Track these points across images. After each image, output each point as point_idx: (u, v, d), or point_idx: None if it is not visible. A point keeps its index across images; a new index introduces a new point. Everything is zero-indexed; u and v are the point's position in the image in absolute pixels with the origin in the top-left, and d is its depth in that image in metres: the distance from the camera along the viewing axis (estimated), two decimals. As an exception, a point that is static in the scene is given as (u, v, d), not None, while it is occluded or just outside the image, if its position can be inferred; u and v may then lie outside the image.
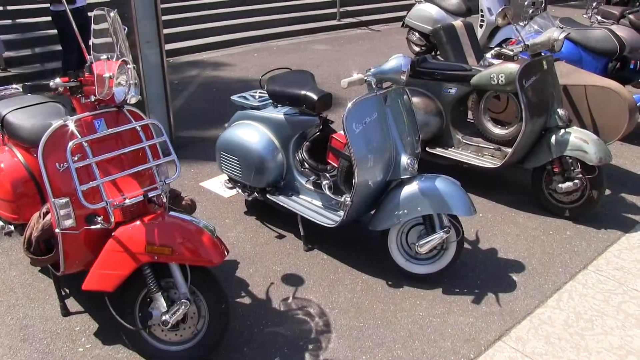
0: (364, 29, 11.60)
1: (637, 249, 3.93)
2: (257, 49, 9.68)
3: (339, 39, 10.62)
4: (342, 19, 11.76)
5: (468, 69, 4.49)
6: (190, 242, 2.55)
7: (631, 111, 4.54)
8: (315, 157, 3.80)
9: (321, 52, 9.51)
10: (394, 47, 9.82)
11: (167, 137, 2.76)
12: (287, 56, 9.19)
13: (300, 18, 11.33)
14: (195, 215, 3.84)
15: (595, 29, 5.87)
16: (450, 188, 3.27)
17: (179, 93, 7.11)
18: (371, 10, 12.53)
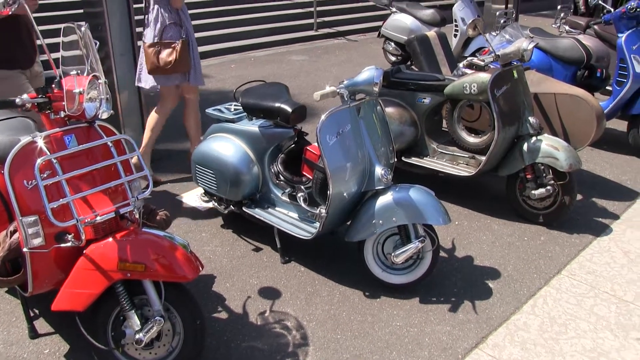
0: (341, 39, 11.66)
1: (608, 253, 3.99)
2: (235, 60, 9.68)
3: (316, 50, 10.66)
4: (320, 30, 11.80)
5: (441, 78, 4.53)
6: (164, 258, 2.52)
7: (599, 118, 4.63)
8: (290, 170, 3.80)
9: (298, 63, 9.54)
10: (370, 57, 9.88)
11: (139, 152, 2.75)
12: (264, 67, 9.21)
13: (278, 29, 11.35)
14: (171, 229, 3.84)
15: (564, 39, 5.98)
16: (424, 198, 3.29)
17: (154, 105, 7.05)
18: (348, 20, 12.60)
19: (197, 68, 4.81)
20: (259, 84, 4.12)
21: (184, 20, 4.67)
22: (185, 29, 4.67)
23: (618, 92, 5.71)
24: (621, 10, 5.66)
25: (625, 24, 5.65)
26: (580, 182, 4.80)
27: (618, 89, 5.72)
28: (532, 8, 15.77)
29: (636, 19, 5.61)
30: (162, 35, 4.59)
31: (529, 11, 15.27)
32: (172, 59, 4.56)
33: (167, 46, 4.58)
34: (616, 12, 5.76)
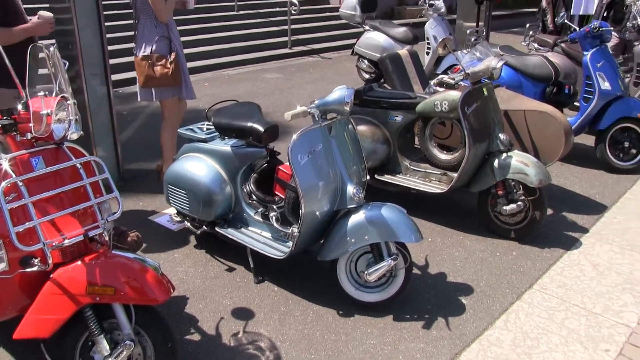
0: (315, 57, 11.74)
1: (578, 266, 4.04)
2: (208, 78, 9.68)
3: (290, 67, 10.71)
4: (294, 47, 11.89)
5: (413, 96, 4.57)
6: (134, 281, 2.50)
7: (567, 134, 4.70)
8: (263, 189, 3.80)
9: (273, 81, 9.57)
10: (344, 74, 9.96)
11: (108, 174, 2.72)
12: (238, 85, 9.22)
13: (252, 47, 11.40)
14: (143, 250, 3.82)
15: (533, 57, 6.09)
16: (396, 216, 3.31)
17: (128, 124, 7.05)
18: (322, 38, 12.71)
19: (187, 82, 4.90)
20: (232, 103, 4.12)
21: (173, 33, 4.76)
22: (176, 43, 4.77)
23: (585, 108, 5.83)
24: (585, 29, 5.79)
25: (590, 43, 5.78)
26: (551, 197, 4.87)
27: (585, 105, 5.83)
28: (503, 25, 16.05)
29: (600, 38, 5.74)
30: (152, 48, 4.67)
31: (499, 29, 15.54)
32: (167, 71, 4.64)
33: (160, 59, 4.66)
34: (581, 31, 5.88)
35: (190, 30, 11.04)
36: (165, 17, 4.66)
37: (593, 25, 5.73)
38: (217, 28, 11.63)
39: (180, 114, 5.09)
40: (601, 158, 5.86)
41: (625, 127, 5.76)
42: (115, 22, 9.73)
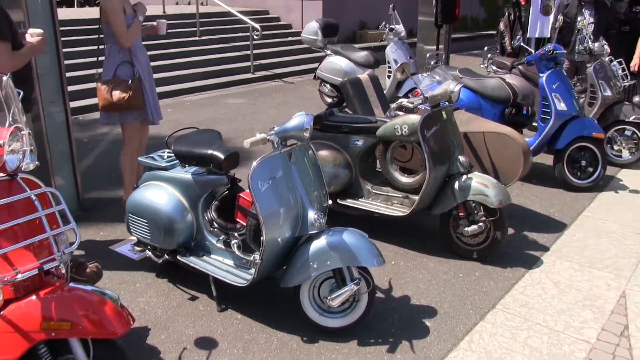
0: (278, 82, 11.78)
1: (539, 284, 4.10)
2: (170, 104, 9.62)
3: (253, 92, 10.73)
4: (256, 72, 11.91)
5: (373, 121, 4.62)
6: (92, 314, 2.45)
7: (525, 154, 4.79)
8: (224, 216, 3.79)
9: (235, 106, 9.57)
10: (307, 98, 10.01)
11: (65, 205, 2.67)
12: (201, 111, 9.19)
13: (214, 72, 11.40)
14: (103, 281, 3.75)
15: (491, 79, 6.22)
16: (357, 240, 3.32)
17: (88, 152, 6.96)
18: (284, 62, 12.77)
19: (152, 107, 4.90)
20: (192, 130, 4.11)
21: (137, 59, 4.79)
22: (139, 68, 4.79)
23: (543, 129, 5.95)
24: (540, 52, 5.93)
25: (545, 65, 5.92)
26: (512, 216, 4.93)
27: (543, 126, 5.96)
28: (463, 48, 16.35)
29: (554, 60, 5.89)
30: (115, 73, 4.73)
31: (460, 51, 15.82)
32: (125, 95, 4.65)
33: (120, 84, 4.68)
34: (536, 53, 6.03)
35: (151, 56, 10.88)
36: (127, 42, 4.69)
37: (547, 48, 5.88)
38: (179, 54, 11.61)
39: (142, 140, 5.07)
40: (560, 177, 5.97)
41: (581, 146, 5.89)
42: (75, 47, 9.65)
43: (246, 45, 12.15)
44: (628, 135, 6.69)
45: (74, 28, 10.51)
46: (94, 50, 5.11)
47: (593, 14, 7.49)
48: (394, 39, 8.60)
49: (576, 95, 6.14)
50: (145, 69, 4.91)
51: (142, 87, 4.78)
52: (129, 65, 4.75)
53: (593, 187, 5.91)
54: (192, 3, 13.46)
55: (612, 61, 6.84)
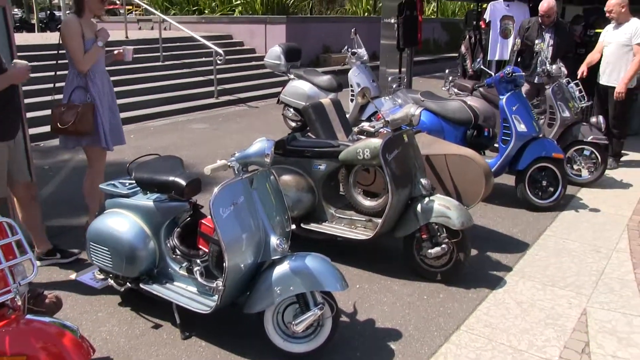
0: (242, 106, 11.79)
1: (503, 304, 4.14)
2: (133, 130, 9.55)
3: (217, 117, 10.72)
4: (220, 97, 11.91)
5: (336, 145, 4.65)
6: (50, 347, 2.39)
7: (487, 176, 4.86)
8: (186, 243, 3.76)
9: (199, 131, 9.54)
10: (271, 123, 10.02)
11: (22, 235, 2.63)
12: (164, 136, 9.14)
13: (178, 97, 11.37)
14: (64, 311, 3.68)
15: (452, 101, 6.31)
16: (320, 265, 3.32)
17: (49, 179, 6.86)
18: (248, 87, 12.81)
19: (105, 133, 4.82)
20: (153, 157, 4.09)
21: (94, 84, 4.74)
22: (94, 93, 4.74)
23: (504, 150, 6.05)
24: (500, 74, 6.05)
25: (505, 87, 6.03)
26: (475, 237, 4.98)
27: (504, 147, 6.06)
28: (425, 71, 16.61)
29: (514, 83, 6.01)
30: (70, 98, 4.72)
31: (422, 74, 16.06)
32: (71, 120, 4.62)
33: (71, 108, 4.65)
34: (496, 76, 6.15)
35: (115, 81, 10.82)
36: (84, 67, 4.67)
37: (507, 71, 6.00)
38: (142, 79, 11.56)
39: (97, 165, 5.02)
40: (521, 197, 6.07)
41: (542, 166, 6.01)
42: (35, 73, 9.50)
43: (210, 70, 12.16)
44: (587, 155, 6.85)
45: (34, 53, 10.38)
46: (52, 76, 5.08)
47: (553, 37, 7.69)
48: (357, 62, 8.70)
49: (536, 117, 6.27)
50: (106, 94, 4.87)
51: (95, 113, 4.72)
52: (84, 90, 4.72)
53: (554, 206, 6.02)
54: (155, 28, 13.47)
55: (569, 83, 7.01)
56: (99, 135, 4.80)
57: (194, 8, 17.59)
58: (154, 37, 13.22)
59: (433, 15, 24.43)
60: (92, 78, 4.73)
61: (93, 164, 4.99)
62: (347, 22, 16.43)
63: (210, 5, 17.35)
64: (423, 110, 5.95)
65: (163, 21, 13.45)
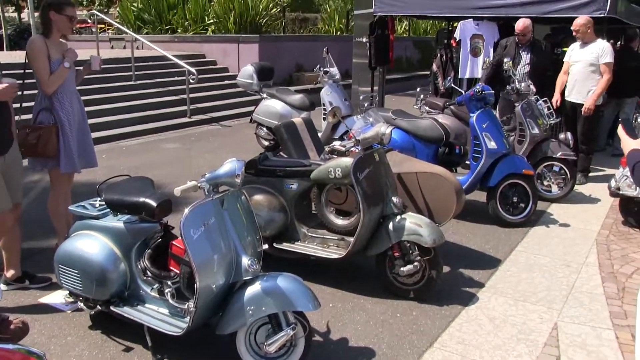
0: (215, 125, 11.77)
1: (475, 321, 4.17)
2: (105, 150, 9.47)
3: (189, 136, 10.68)
4: (193, 116, 11.87)
5: (307, 164, 4.66)
6: (14, 374, 2.36)
7: (458, 193, 4.91)
8: (158, 265, 3.73)
9: (171, 151, 9.49)
10: (244, 142, 10.02)
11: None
12: (136, 156, 9.07)
13: (150, 117, 11.30)
14: (32, 336, 3.63)
15: (424, 119, 6.38)
16: (292, 285, 3.32)
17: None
18: (221, 106, 12.79)
19: (69, 155, 4.74)
20: (123, 178, 4.06)
21: (62, 105, 4.68)
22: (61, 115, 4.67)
23: (475, 167, 6.12)
24: (470, 93, 6.14)
25: (475, 105, 6.11)
26: (447, 254, 5.01)
27: (475, 164, 6.12)
28: (398, 89, 16.77)
29: (484, 100, 6.09)
30: (36, 119, 4.67)
31: (395, 92, 16.21)
32: (34, 142, 4.56)
33: (35, 130, 4.60)
34: (466, 94, 6.24)
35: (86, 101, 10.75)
36: (49, 89, 4.60)
37: (477, 88, 6.09)
38: (114, 98, 11.47)
39: (60, 187, 4.93)
40: (493, 213, 6.13)
41: (513, 183, 6.09)
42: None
43: (182, 89, 12.13)
44: (556, 171, 6.96)
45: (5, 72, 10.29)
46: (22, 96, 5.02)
47: (529, 55, 7.83)
48: (329, 81, 8.74)
49: (506, 134, 6.36)
50: (76, 115, 4.81)
51: (61, 135, 4.66)
52: (48, 112, 4.66)
53: (525, 222, 6.10)
54: (128, 47, 13.41)
55: (538, 100, 7.13)
56: (62, 158, 4.72)
57: (166, 27, 17.55)
58: (126, 56, 13.16)
59: (405, 33, 24.68)
60: (60, 99, 4.67)
61: (55, 187, 4.90)
62: (320, 40, 16.53)
63: (183, 24, 17.34)
64: (395, 128, 6.01)
65: (135, 40, 13.41)
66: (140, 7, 18.10)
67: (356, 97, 10.15)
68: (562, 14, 7.84)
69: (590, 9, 7.49)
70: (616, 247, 5.57)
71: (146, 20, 17.94)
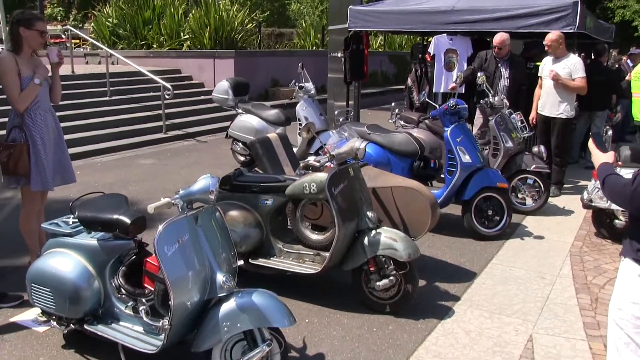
0: (191, 141, 11.73)
1: (451, 334, 4.19)
2: (80, 166, 9.35)
3: (165, 152, 10.63)
4: (169, 132, 11.81)
5: (282, 179, 4.66)
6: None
7: (432, 207, 4.94)
8: (132, 282, 3.70)
9: (147, 167, 9.43)
10: (220, 157, 9.99)
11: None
12: (111, 172, 8.99)
13: (125, 132, 11.21)
14: (2, 357, 3.56)
15: (398, 134, 6.42)
16: (267, 301, 3.31)
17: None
18: (197, 121, 12.74)
19: (41, 173, 4.68)
20: (97, 195, 4.03)
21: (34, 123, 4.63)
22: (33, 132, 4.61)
23: (450, 181, 6.16)
24: (444, 107, 6.19)
25: (449, 119, 6.17)
26: (423, 268, 5.04)
27: (449, 178, 6.17)
28: (374, 103, 16.89)
29: (458, 114, 6.15)
30: (9, 136, 4.62)
31: (371, 106, 16.31)
32: (5, 160, 4.53)
33: (7, 148, 4.55)
34: (440, 108, 6.29)
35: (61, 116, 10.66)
36: (19, 106, 4.55)
37: (451, 103, 6.15)
38: (89, 114, 11.38)
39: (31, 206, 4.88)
40: (468, 227, 6.18)
41: (487, 196, 6.15)
42: None
43: (158, 104, 12.07)
44: (530, 184, 7.05)
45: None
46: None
47: (508, 70, 7.93)
48: (304, 96, 8.78)
49: (480, 147, 6.43)
50: (51, 132, 4.75)
51: (32, 153, 4.61)
52: (19, 130, 4.61)
53: (500, 235, 6.16)
54: (102, 62, 13.33)
55: (511, 114, 7.22)
56: (33, 176, 4.66)
57: (142, 42, 17.49)
58: (101, 71, 13.05)
59: (380, 48, 24.88)
60: (33, 116, 4.62)
61: (26, 204, 4.84)
62: (296, 55, 16.60)
63: (159, 40, 17.29)
64: (370, 143, 6.06)
65: (110, 55, 13.33)
66: (115, 22, 18.02)
67: (332, 112, 10.20)
68: (534, 29, 7.97)
69: (561, 25, 7.62)
70: (589, 259, 5.64)
71: (121, 36, 17.86)
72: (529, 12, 7.92)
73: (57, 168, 4.84)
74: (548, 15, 7.76)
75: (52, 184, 4.81)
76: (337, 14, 11.00)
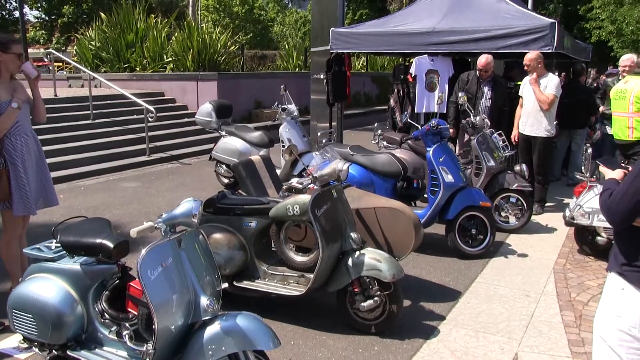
0: (175, 163, 11.71)
1: (437, 354, 4.19)
2: (63, 189, 9.31)
3: (149, 175, 10.60)
4: (152, 154, 11.79)
5: (265, 202, 4.67)
6: None
7: (416, 227, 4.96)
8: (115, 307, 3.67)
9: (131, 190, 9.39)
10: (203, 179, 9.98)
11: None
12: (95, 196, 8.95)
13: (109, 155, 11.18)
14: (-17, 385, 3.51)
15: (381, 154, 6.46)
16: (252, 324, 3.29)
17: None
18: (181, 144, 12.75)
19: (23, 198, 4.63)
20: (80, 219, 4.01)
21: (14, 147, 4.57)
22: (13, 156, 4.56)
23: (433, 200, 6.20)
24: (426, 127, 6.25)
25: (431, 139, 6.22)
26: (408, 288, 5.04)
27: (432, 198, 6.21)
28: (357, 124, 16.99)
29: (440, 135, 6.21)
30: None
31: (354, 127, 16.40)
32: None
33: None
34: (422, 129, 6.35)
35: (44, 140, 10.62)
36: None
37: (432, 123, 6.20)
38: (72, 137, 11.36)
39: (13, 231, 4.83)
40: (452, 246, 6.21)
41: (471, 215, 6.18)
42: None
43: (141, 127, 12.08)
44: (513, 202, 7.10)
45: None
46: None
47: (490, 91, 8.03)
48: (287, 118, 8.81)
49: (462, 167, 6.48)
50: (32, 155, 4.70)
51: (13, 178, 4.58)
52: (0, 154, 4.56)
53: (484, 253, 6.19)
54: (85, 86, 13.30)
55: (493, 133, 7.30)
56: (15, 201, 4.62)
57: (124, 65, 17.51)
58: (84, 94, 13.04)
59: (363, 69, 25.08)
60: (14, 141, 4.57)
61: (7, 229, 4.78)
62: (279, 77, 16.70)
63: (142, 63, 17.32)
64: (353, 164, 6.09)
65: (93, 79, 13.33)
66: (98, 45, 18.04)
67: (315, 133, 10.22)
68: (513, 49, 8.08)
69: (539, 45, 7.74)
70: (572, 276, 5.68)
71: (104, 59, 17.88)
72: (508, 33, 8.03)
73: (39, 191, 4.81)
74: (527, 36, 7.88)
75: (34, 208, 4.77)
76: (319, 36, 11.09)
